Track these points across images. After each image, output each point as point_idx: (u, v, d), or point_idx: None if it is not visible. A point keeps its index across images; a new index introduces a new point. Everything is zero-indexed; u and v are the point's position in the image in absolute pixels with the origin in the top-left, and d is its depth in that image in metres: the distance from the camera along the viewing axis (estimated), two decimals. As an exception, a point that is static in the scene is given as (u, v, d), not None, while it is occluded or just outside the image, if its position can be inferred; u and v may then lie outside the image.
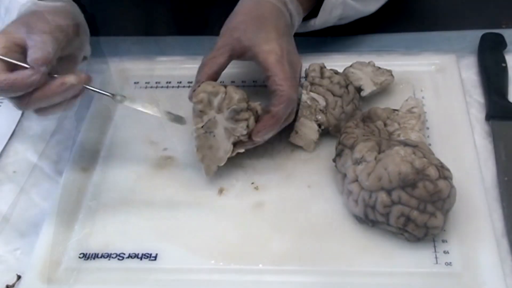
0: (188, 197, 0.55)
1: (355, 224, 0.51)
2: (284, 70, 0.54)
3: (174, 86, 0.64)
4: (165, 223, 0.53)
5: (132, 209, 0.55)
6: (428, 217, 0.47)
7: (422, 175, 0.47)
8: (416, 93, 0.62)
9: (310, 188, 0.55)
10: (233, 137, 0.54)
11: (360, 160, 0.49)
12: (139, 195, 0.56)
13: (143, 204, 0.55)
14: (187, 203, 0.55)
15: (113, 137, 0.62)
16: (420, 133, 0.56)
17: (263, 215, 0.53)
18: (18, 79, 0.46)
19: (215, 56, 0.56)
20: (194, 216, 0.54)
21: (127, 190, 0.56)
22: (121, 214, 0.54)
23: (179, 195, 0.55)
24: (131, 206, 0.55)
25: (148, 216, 0.54)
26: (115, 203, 0.55)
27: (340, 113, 0.57)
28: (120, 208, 0.55)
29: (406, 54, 0.67)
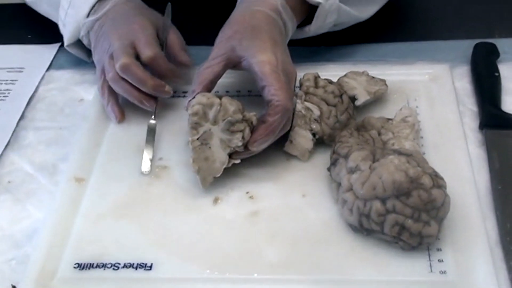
0: (183, 207, 0.55)
1: (350, 233, 0.51)
2: (279, 80, 0.54)
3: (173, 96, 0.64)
4: (160, 232, 0.53)
5: (127, 218, 0.55)
6: (423, 226, 0.47)
7: (416, 184, 0.47)
8: (410, 102, 0.63)
9: (305, 197, 0.55)
10: (229, 148, 0.54)
11: (354, 169, 0.50)
12: (134, 204, 0.56)
13: (138, 213, 0.55)
14: (182, 213, 0.55)
15: (108, 147, 0.62)
16: (414, 142, 0.56)
17: (258, 224, 0.53)
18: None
19: (210, 65, 0.57)
20: (189, 225, 0.54)
21: (122, 200, 0.56)
22: (116, 223, 0.54)
23: (174, 205, 0.56)
24: (126, 215, 0.55)
25: (143, 226, 0.54)
26: (110, 213, 0.55)
27: (335, 122, 0.57)
28: (115, 217, 0.55)
29: (400, 63, 0.67)
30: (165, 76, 0.63)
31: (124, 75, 0.60)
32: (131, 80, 0.61)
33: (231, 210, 0.55)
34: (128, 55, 0.60)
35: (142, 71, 0.60)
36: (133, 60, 0.60)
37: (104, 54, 0.62)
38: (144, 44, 0.61)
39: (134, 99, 0.62)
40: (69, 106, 0.68)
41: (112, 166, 0.60)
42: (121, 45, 0.61)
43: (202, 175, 0.55)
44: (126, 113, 0.65)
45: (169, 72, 0.63)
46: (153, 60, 0.61)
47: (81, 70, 0.71)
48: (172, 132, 0.63)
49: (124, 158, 0.60)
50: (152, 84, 0.61)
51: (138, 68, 0.60)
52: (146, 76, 0.60)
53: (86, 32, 0.65)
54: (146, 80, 0.60)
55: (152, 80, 0.61)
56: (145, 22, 0.63)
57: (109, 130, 0.64)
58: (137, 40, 0.61)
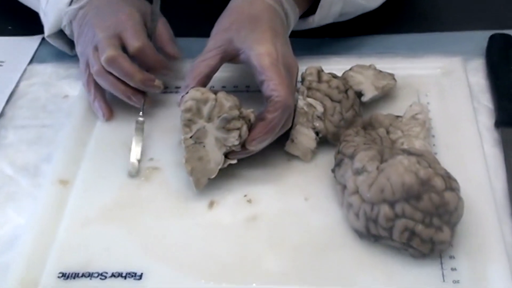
0: (176, 211, 0.55)
1: (356, 239, 0.51)
2: (279, 74, 0.54)
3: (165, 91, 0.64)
4: (151, 239, 0.53)
5: (115, 224, 0.55)
6: (434, 232, 0.47)
7: (427, 186, 0.47)
8: (421, 98, 0.63)
9: (308, 201, 0.55)
10: (225, 147, 0.54)
11: (360, 170, 0.50)
12: (123, 209, 0.56)
13: (127, 218, 0.55)
14: (175, 217, 0.55)
15: (95, 146, 0.62)
16: (425, 141, 0.56)
17: (257, 230, 0.53)
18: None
19: (205, 58, 0.57)
20: (182, 231, 0.54)
21: (110, 203, 0.56)
22: (104, 229, 0.54)
23: (166, 209, 0.56)
24: (114, 221, 0.55)
25: (133, 232, 0.54)
26: (97, 218, 0.55)
27: (339, 120, 0.57)
28: (103, 223, 0.55)
29: (409, 56, 0.67)
30: (154, 69, 0.63)
31: (110, 68, 0.60)
32: (118, 74, 0.60)
33: (227, 215, 0.55)
34: (114, 46, 0.60)
35: (130, 64, 0.60)
36: (119, 52, 0.60)
37: (88, 46, 0.62)
38: (131, 34, 0.61)
39: (121, 94, 0.62)
40: (53, 102, 0.68)
41: (99, 167, 0.60)
42: (106, 36, 0.61)
43: (195, 177, 0.55)
44: (115, 109, 0.64)
45: (158, 65, 0.63)
46: (141, 51, 0.61)
47: (65, 64, 0.71)
48: (164, 130, 0.62)
49: (112, 158, 0.60)
50: (140, 78, 0.60)
51: (125, 60, 0.60)
52: (134, 69, 0.60)
53: (69, 22, 0.65)
54: (134, 74, 0.60)
55: (140, 74, 0.61)
56: (132, 10, 0.63)
57: (96, 128, 0.64)
58: (123, 31, 0.61)
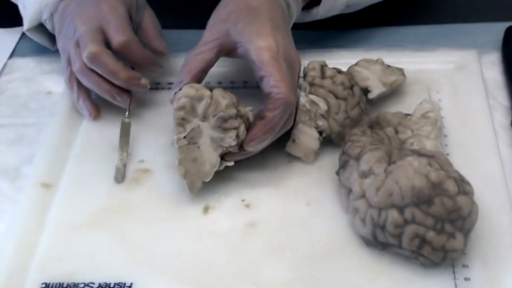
0: (168, 217, 0.55)
1: (362, 247, 0.52)
2: (280, 69, 0.54)
3: (152, 88, 0.64)
4: (141, 247, 0.53)
5: (102, 231, 0.55)
6: (447, 239, 0.48)
7: (439, 190, 0.47)
8: (432, 95, 0.63)
9: (310, 206, 0.55)
10: (221, 148, 0.54)
11: (367, 173, 0.50)
12: (111, 214, 0.56)
13: (115, 225, 0.55)
14: (167, 224, 0.55)
15: (81, 147, 0.62)
16: (437, 141, 0.56)
17: (255, 237, 0.53)
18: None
19: (200, 52, 0.57)
20: (175, 239, 0.54)
21: (96, 209, 0.56)
22: (90, 237, 0.54)
23: (158, 215, 0.56)
24: (101, 227, 0.55)
25: (122, 240, 0.54)
26: (83, 225, 0.55)
27: (344, 118, 0.58)
28: (89, 230, 0.55)
29: (420, 50, 0.67)
30: (140, 66, 0.63)
31: (93, 65, 0.60)
32: (101, 72, 0.60)
33: (224, 221, 0.55)
34: (97, 41, 0.60)
35: (113, 60, 0.60)
36: (102, 48, 0.60)
37: (69, 41, 0.62)
38: (115, 28, 0.61)
39: (105, 94, 0.62)
40: (35, 99, 0.68)
41: (86, 170, 0.60)
42: (88, 30, 0.61)
43: (189, 180, 0.55)
44: (102, 107, 0.64)
45: (144, 61, 0.63)
46: (125, 47, 0.61)
47: (48, 58, 0.71)
48: (155, 130, 0.63)
49: (99, 160, 0.60)
50: (125, 76, 0.60)
51: (109, 57, 0.60)
52: (118, 66, 0.60)
53: (50, 15, 0.65)
54: (118, 72, 0.60)
55: (125, 72, 0.61)
56: (115, 1, 0.62)
57: (82, 127, 0.64)
58: (106, 24, 0.61)
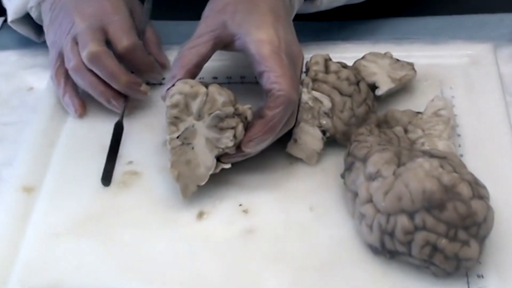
0: (159, 223, 0.55)
1: (369, 255, 0.52)
2: (281, 63, 0.54)
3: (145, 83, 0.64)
4: (131, 256, 0.53)
5: (88, 238, 0.55)
6: (460, 247, 0.48)
7: (451, 194, 0.47)
8: (444, 91, 0.63)
9: (313, 211, 0.55)
10: (217, 149, 0.54)
11: (374, 176, 0.50)
12: (97, 220, 0.56)
13: (103, 231, 0.55)
14: (158, 231, 0.55)
15: (66, 148, 0.62)
16: (449, 142, 0.56)
17: (253, 246, 0.53)
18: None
19: (195, 45, 0.57)
20: (167, 247, 0.54)
21: (82, 214, 0.56)
22: (75, 244, 0.54)
23: (148, 220, 0.56)
24: (87, 234, 0.55)
25: (109, 248, 0.54)
26: (67, 231, 0.55)
27: (350, 116, 0.58)
28: (74, 237, 0.55)
29: (431, 43, 0.67)
30: (141, 72, 0.63)
31: (92, 66, 0.60)
32: (100, 73, 0.61)
33: (219, 228, 0.55)
34: (98, 41, 0.60)
35: (115, 63, 0.61)
36: (104, 48, 0.61)
37: (64, 35, 0.62)
38: (120, 29, 0.61)
39: (100, 96, 0.62)
40: (16, 96, 0.68)
41: (70, 172, 0.60)
42: (89, 28, 0.61)
43: (182, 183, 0.55)
44: (89, 104, 0.65)
45: (147, 68, 0.64)
46: (130, 51, 0.62)
47: (31, 51, 0.71)
48: (145, 129, 0.63)
49: (85, 162, 0.60)
50: (125, 81, 0.61)
51: (110, 58, 0.60)
52: (120, 69, 0.61)
53: (37, 3, 0.65)
54: (119, 75, 0.61)
55: (126, 76, 0.61)
56: (118, 1, 0.63)
57: (67, 126, 0.64)
58: (109, 24, 0.62)
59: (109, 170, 0.59)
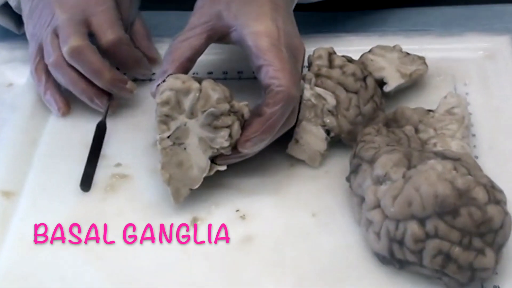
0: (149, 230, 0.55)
1: (376, 265, 0.52)
2: (281, 57, 0.54)
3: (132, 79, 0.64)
4: (119, 266, 0.53)
5: (73, 247, 0.55)
6: (475, 256, 0.48)
7: (466, 199, 0.48)
8: (458, 87, 0.63)
9: (316, 217, 0.55)
10: (211, 150, 0.54)
11: (382, 179, 0.50)
12: (82, 227, 0.56)
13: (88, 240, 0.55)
14: (149, 238, 0.55)
15: (48, 148, 0.62)
16: (463, 142, 0.56)
17: (251, 254, 0.53)
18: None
19: (187, 38, 0.57)
20: (157, 256, 0.54)
21: (66, 221, 0.56)
22: (58, 254, 0.54)
23: (138, 227, 0.56)
24: (71, 243, 0.55)
25: (95, 257, 0.54)
26: (49, 238, 0.55)
27: (356, 115, 0.58)
28: (57, 245, 0.55)
29: (444, 35, 0.68)
30: (127, 68, 0.64)
31: (74, 61, 0.60)
32: (82, 69, 0.61)
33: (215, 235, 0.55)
34: (80, 34, 0.60)
35: (99, 58, 0.61)
36: (86, 43, 0.60)
37: (43, 27, 0.62)
38: (104, 22, 0.61)
39: (82, 94, 0.62)
40: (-7, 93, 0.68)
41: (53, 175, 0.60)
42: (71, 19, 0.61)
43: (174, 187, 0.55)
44: (72, 102, 0.65)
45: (135, 63, 0.64)
46: (116, 46, 0.62)
47: (10, 44, 0.71)
48: (134, 128, 0.63)
49: (69, 164, 0.60)
50: (110, 77, 0.61)
51: (94, 53, 0.60)
52: (104, 65, 0.61)
53: None
54: (103, 71, 0.61)
55: (110, 72, 0.61)
56: None
57: (49, 125, 0.64)
58: (93, 15, 0.62)
59: (89, 174, 0.59)
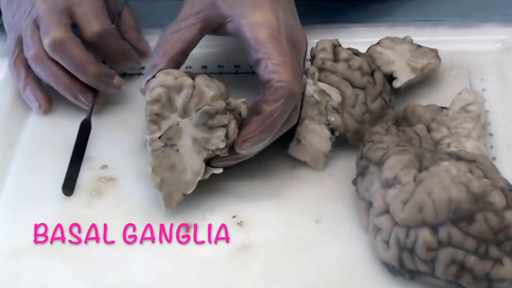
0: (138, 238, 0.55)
1: (385, 275, 0.52)
2: (281, 50, 0.54)
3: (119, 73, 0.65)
4: (105, 276, 0.53)
5: (56, 255, 0.55)
6: (492, 265, 0.48)
7: (482, 204, 0.47)
8: (474, 83, 0.63)
9: (320, 224, 0.55)
10: (206, 151, 0.54)
11: (392, 182, 0.50)
12: (66, 235, 0.56)
13: (72, 248, 0.55)
14: (138, 247, 0.55)
15: (28, 149, 0.62)
16: (480, 142, 0.56)
17: (250, 264, 0.53)
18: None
19: (179, 28, 0.57)
20: (148, 266, 0.54)
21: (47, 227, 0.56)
22: (40, 263, 0.54)
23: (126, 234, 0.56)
24: (55, 251, 0.55)
25: (81, 266, 0.54)
26: (30, 248, 0.55)
27: (363, 112, 0.58)
28: (38, 254, 0.55)
29: (459, 26, 0.68)
30: (114, 61, 0.64)
31: (55, 55, 0.60)
32: (65, 63, 0.61)
33: (210, 244, 0.55)
34: (63, 26, 0.60)
35: (83, 51, 0.61)
36: (69, 34, 0.60)
37: (23, 18, 0.62)
38: (89, 12, 0.61)
39: (65, 91, 0.62)
40: (-31, 89, 0.68)
41: (33, 178, 0.60)
42: (53, 9, 0.61)
43: (166, 192, 0.55)
44: (54, 98, 0.65)
45: (122, 55, 0.64)
46: (102, 37, 0.62)
47: (-14, 36, 0.72)
48: (121, 128, 0.63)
49: (51, 166, 0.60)
50: (95, 72, 0.61)
51: (77, 46, 0.60)
52: (88, 59, 0.61)
53: None
54: (87, 65, 0.61)
55: (95, 66, 0.61)
56: None
57: (29, 124, 0.64)
58: (76, 5, 0.62)
59: (72, 177, 0.59)
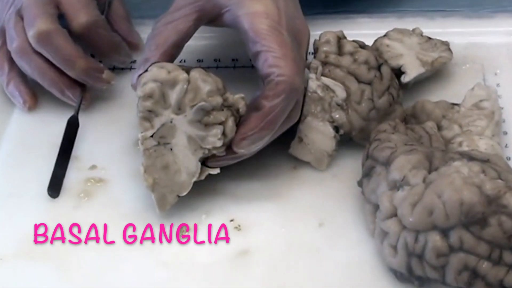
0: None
1: (393, 282, 0.52)
2: (282, 42, 0.54)
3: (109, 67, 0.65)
4: (93, 282, 0.53)
5: (42, 261, 0.55)
6: (506, 272, 0.48)
7: (495, 206, 0.48)
8: (488, 78, 0.63)
9: (323, 227, 0.56)
10: (202, 150, 0.55)
11: (400, 183, 0.50)
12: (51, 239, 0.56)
13: (60, 253, 0.55)
14: (129, 252, 0.55)
15: (11, 149, 0.62)
16: (493, 141, 0.57)
17: (248, 270, 0.53)
18: None
19: (173, 20, 0.57)
20: (141, 273, 0.54)
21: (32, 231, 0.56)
22: (26, 269, 0.54)
23: (117, 240, 0.56)
24: (41, 256, 0.55)
25: (67, 273, 0.54)
26: (15, 252, 0.55)
27: (369, 109, 0.58)
28: (24, 259, 0.55)
29: (471, 17, 0.68)
30: (104, 54, 0.64)
31: (41, 47, 0.61)
32: (51, 57, 0.61)
33: (206, 248, 0.55)
34: (49, 17, 0.61)
35: (70, 44, 0.61)
36: (56, 26, 0.61)
37: (5, 8, 0.63)
38: (77, 2, 0.61)
39: (51, 86, 0.62)
40: None
41: (17, 179, 0.60)
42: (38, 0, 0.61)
43: (159, 193, 0.55)
44: (40, 94, 0.65)
45: (112, 48, 0.64)
46: (90, 29, 0.62)
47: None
48: (111, 126, 0.63)
49: (36, 166, 0.61)
50: (83, 66, 0.61)
51: (64, 38, 0.61)
52: (76, 52, 0.61)
53: None
54: (75, 59, 0.61)
55: (84, 60, 0.61)
56: None
57: (13, 121, 0.65)
58: None
59: (59, 177, 0.59)
